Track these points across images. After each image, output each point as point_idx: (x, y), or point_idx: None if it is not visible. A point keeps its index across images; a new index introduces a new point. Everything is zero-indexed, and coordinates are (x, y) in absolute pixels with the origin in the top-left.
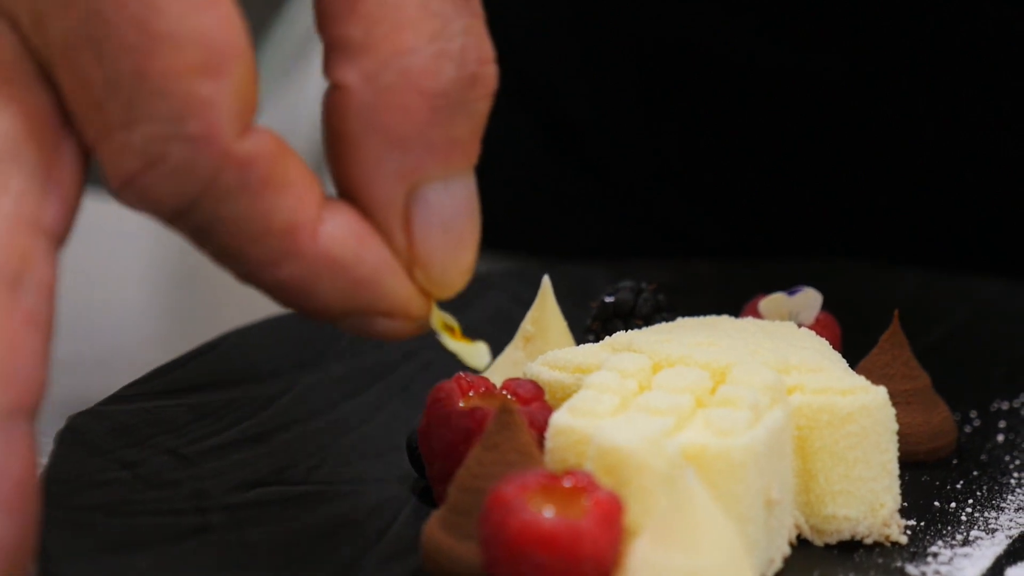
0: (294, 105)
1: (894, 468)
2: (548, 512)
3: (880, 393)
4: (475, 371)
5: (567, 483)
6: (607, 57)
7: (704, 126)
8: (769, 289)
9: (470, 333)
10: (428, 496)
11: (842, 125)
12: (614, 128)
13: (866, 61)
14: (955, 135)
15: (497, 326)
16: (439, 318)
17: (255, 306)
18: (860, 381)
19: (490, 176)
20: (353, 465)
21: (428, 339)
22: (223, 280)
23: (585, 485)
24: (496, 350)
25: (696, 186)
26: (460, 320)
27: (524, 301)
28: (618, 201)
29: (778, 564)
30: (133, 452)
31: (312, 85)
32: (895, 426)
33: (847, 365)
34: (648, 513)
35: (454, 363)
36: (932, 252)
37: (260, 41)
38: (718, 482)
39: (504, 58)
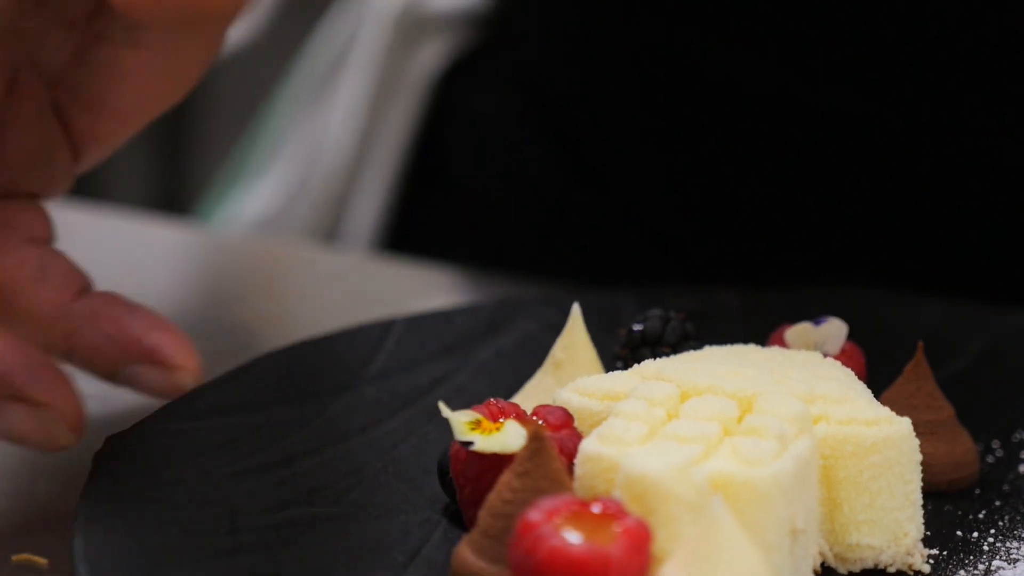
0: (318, 131)
1: (918, 498)
2: (577, 539)
3: (904, 424)
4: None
5: (596, 510)
6: (637, 90)
7: (731, 157)
8: (794, 318)
9: (501, 357)
10: (458, 520)
11: (866, 156)
12: (640, 159)
13: (887, 90)
14: (977, 167)
15: (527, 352)
16: (460, 423)
17: (288, 329)
18: (885, 412)
19: (519, 205)
20: (384, 488)
21: (460, 363)
22: (257, 303)
23: (614, 512)
24: (525, 376)
25: (721, 215)
26: (492, 345)
27: (553, 327)
28: (645, 229)
29: None
30: (168, 473)
31: (337, 111)
32: (919, 457)
33: (872, 396)
34: (675, 540)
35: (486, 388)
36: (953, 283)
37: (290, 67)
38: (745, 511)
39: (536, 96)
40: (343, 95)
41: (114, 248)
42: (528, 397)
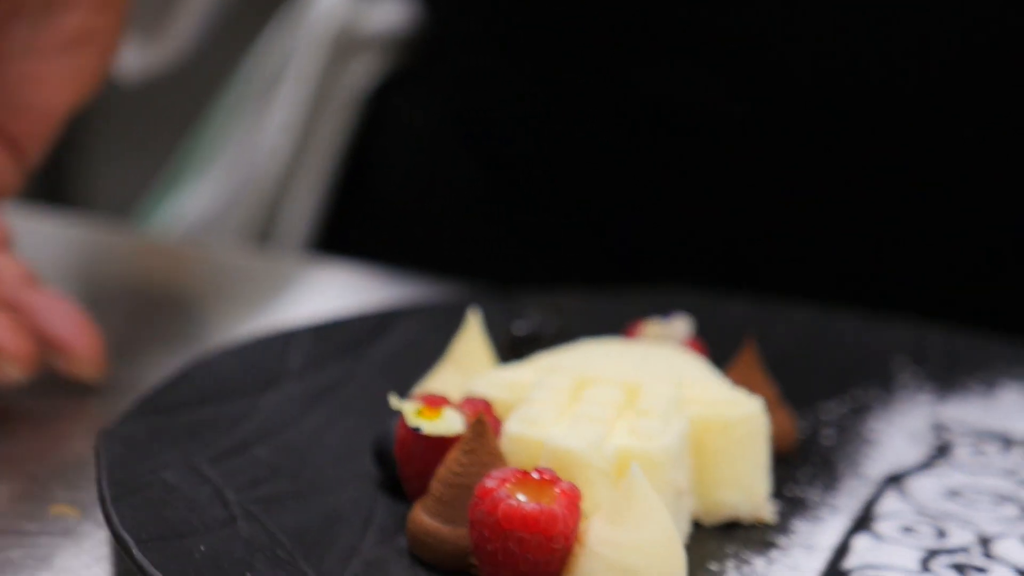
0: (256, 140)
1: (767, 463)
2: (527, 499)
3: (758, 403)
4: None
5: (536, 477)
6: (564, 106)
7: (658, 171)
8: (631, 316)
9: (390, 357)
10: (394, 492)
11: (677, 163)
12: (565, 173)
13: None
14: (772, 179)
15: (412, 352)
16: (410, 412)
17: (223, 327)
18: (741, 394)
19: (446, 214)
20: (325, 468)
21: (355, 364)
22: (193, 302)
23: (550, 478)
24: (416, 372)
25: (649, 228)
26: (380, 347)
27: (432, 329)
28: (571, 238)
29: (685, 540)
30: (160, 459)
31: (273, 122)
32: (768, 430)
33: (724, 379)
34: (592, 501)
35: (386, 384)
36: (756, 282)
37: (228, 78)
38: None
39: (464, 112)
40: (280, 107)
41: (50, 250)
42: (432, 389)
